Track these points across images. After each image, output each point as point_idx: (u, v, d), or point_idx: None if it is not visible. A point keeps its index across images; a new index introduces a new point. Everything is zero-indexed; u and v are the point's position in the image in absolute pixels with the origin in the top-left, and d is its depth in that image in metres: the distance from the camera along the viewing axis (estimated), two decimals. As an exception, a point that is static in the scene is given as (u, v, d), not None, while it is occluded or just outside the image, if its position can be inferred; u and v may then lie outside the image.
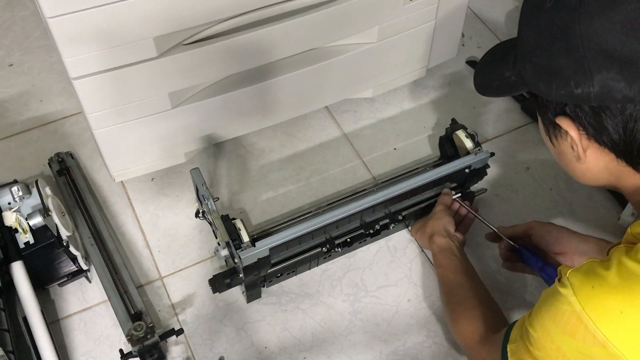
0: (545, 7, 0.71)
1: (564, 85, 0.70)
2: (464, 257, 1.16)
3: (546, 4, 0.71)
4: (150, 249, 1.30)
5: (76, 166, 1.39)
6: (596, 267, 0.71)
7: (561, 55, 0.70)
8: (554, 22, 0.70)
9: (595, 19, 0.66)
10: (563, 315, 0.71)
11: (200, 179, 1.17)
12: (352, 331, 1.19)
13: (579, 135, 0.73)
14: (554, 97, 0.73)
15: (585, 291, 0.70)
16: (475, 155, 1.22)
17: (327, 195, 1.37)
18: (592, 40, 0.67)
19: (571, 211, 1.34)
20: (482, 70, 0.88)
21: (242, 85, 1.24)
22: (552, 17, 0.70)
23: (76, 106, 1.50)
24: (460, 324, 1.07)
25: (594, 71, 0.67)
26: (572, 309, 0.70)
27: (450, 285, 1.13)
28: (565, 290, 0.71)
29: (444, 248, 1.17)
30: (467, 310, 1.07)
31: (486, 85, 0.85)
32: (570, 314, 0.70)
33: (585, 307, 0.69)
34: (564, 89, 0.70)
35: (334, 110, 1.51)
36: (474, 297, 1.09)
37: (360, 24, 1.26)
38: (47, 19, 0.97)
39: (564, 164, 0.81)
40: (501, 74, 0.81)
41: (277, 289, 1.24)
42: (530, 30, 0.74)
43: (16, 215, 1.16)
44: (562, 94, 0.71)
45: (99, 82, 1.09)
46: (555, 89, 0.72)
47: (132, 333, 1.08)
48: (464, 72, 1.58)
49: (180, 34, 1.09)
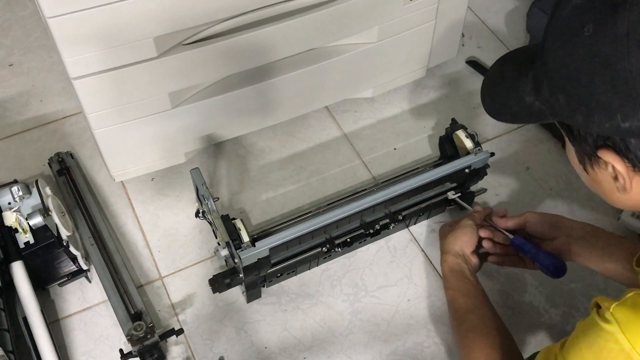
0: (583, 35, 0.64)
1: (609, 118, 0.65)
2: (475, 281, 1.11)
3: (583, 32, 0.64)
4: (150, 249, 1.30)
5: (76, 166, 1.39)
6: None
7: (606, 89, 0.63)
8: (596, 53, 0.63)
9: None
10: (609, 354, 0.68)
11: (200, 178, 1.17)
12: (352, 331, 1.19)
13: (625, 168, 0.68)
14: (595, 130, 0.67)
15: (634, 329, 0.67)
16: (475, 155, 1.22)
17: (327, 195, 1.37)
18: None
19: (571, 211, 1.34)
20: (491, 91, 0.81)
21: (242, 85, 1.24)
22: (593, 47, 0.63)
23: (76, 106, 1.50)
24: (472, 352, 1.02)
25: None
26: (620, 347, 0.67)
27: (460, 310, 1.08)
28: (611, 326, 0.68)
29: (454, 269, 1.12)
30: (480, 338, 1.02)
31: (502, 111, 0.80)
32: (618, 353, 0.67)
33: (636, 345, 0.66)
34: (609, 122, 0.65)
35: (334, 110, 1.51)
36: (486, 324, 1.04)
37: (360, 24, 1.26)
38: (47, 19, 0.97)
39: (600, 191, 0.76)
40: (519, 98, 0.75)
41: (277, 289, 1.24)
42: (564, 58, 0.67)
43: (16, 215, 1.16)
44: (606, 127, 0.66)
45: (99, 82, 1.09)
46: (597, 122, 0.66)
47: (132, 333, 1.08)
48: (464, 72, 1.58)
49: (180, 34, 1.09)
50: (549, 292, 1.23)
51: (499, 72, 0.81)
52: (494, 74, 0.82)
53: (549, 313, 1.21)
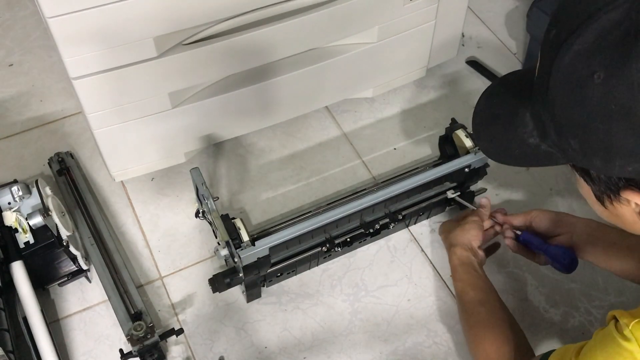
0: (593, 82, 0.60)
1: (631, 162, 0.62)
2: (484, 274, 1.12)
3: (593, 79, 0.60)
4: (150, 249, 1.30)
5: (76, 166, 1.39)
6: None
7: (627, 134, 0.60)
8: (612, 100, 0.60)
9: None
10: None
11: (200, 178, 1.17)
12: (352, 331, 1.19)
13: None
14: (616, 174, 0.65)
15: None
16: (475, 154, 1.22)
17: (327, 195, 1.37)
18: None
19: (571, 211, 1.34)
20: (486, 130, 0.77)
21: (242, 85, 1.24)
22: (608, 95, 0.60)
23: (76, 106, 1.50)
24: (482, 344, 1.02)
25: None
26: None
27: (470, 303, 1.08)
28: (630, 345, 0.67)
29: (464, 262, 1.12)
30: (490, 330, 1.02)
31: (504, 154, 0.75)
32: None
33: None
34: (632, 166, 0.62)
35: (334, 110, 1.51)
36: (496, 316, 1.04)
37: (360, 24, 1.26)
38: (47, 19, 0.97)
39: (620, 223, 0.73)
40: (521, 140, 0.71)
41: (277, 289, 1.24)
42: (574, 106, 0.63)
43: (16, 215, 1.16)
44: (628, 171, 0.63)
45: (99, 82, 1.09)
46: (618, 166, 0.63)
47: (132, 333, 1.08)
48: (464, 72, 1.58)
49: (180, 34, 1.09)
50: (548, 292, 1.23)
51: (489, 112, 0.77)
52: (485, 114, 0.77)
53: (549, 313, 1.21)
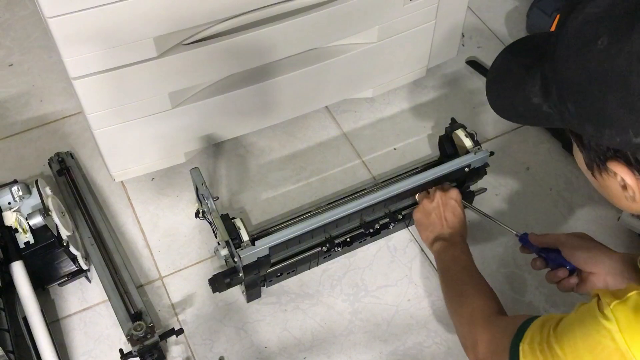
0: (596, 47, 0.62)
1: (620, 133, 0.63)
2: (465, 252, 1.14)
3: (597, 44, 0.62)
4: (150, 249, 1.30)
5: (76, 166, 1.39)
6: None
7: (619, 104, 0.62)
8: (610, 68, 0.62)
9: None
10: (603, 351, 0.67)
11: (200, 178, 1.17)
12: (352, 331, 1.19)
13: (635, 181, 0.67)
14: (605, 142, 0.66)
15: (632, 332, 0.66)
16: (475, 154, 1.22)
17: (327, 195, 1.37)
18: None
19: (571, 211, 1.34)
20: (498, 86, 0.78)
21: (242, 85, 1.24)
22: (606, 62, 0.62)
23: (76, 106, 1.50)
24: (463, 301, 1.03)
25: None
26: (615, 346, 0.66)
27: (454, 270, 1.11)
28: (609, 324, 0.67)
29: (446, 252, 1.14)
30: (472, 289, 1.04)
31: (507, 108, 0.77)
32: (613, 352, 0.67)
33: (632, 347, 0.65)
34: (620, 137, 0.64)
35: (334, 110, 1.51)
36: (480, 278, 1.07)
37: (360, 24, 1.26)
38: (47, 19, 0.97)
39: (607, 196, 0.75)
40: (526, 98, 0.72)
41: (277, 289, 1.24)
42: (574, 67, 0.65)
43: (16, 215, 1.16)
44: (616, 141, 0.64)
45: (99, 82, 1.09)
46: (607, 135, 0.65)
47: (132, 333, 1.08)
48: (464, 72, 1.58)
49: (180, 34, 1.09)
50: (548, 292, 1.23)
51: (505, 66, 0.78)
52: (500, 67, 0.79)
53: (549, 313, 1.21)
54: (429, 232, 1.19)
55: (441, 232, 1.17)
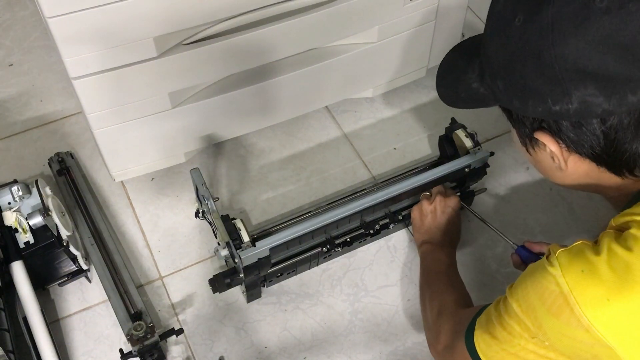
0: (514, 24, 0.69)
1: (540, 102, 0.70)
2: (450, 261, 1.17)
3: (514, 22, 0.69)
4: (150, 249, 1.30)
5: (76, 166, 1.39)
6: (586, 250, 0.70)
7: (536, 75, 0.69)
8: (525, 42, 0.69)
9: (569, 40, 0.65)
10: (550, 295, 0.70)
11: (200, 179, 1.17)
12: (352, 331, 1.19)
13: (559, 149, 0.73)
14: (530, 113, 0.73)
15: (574, 274, 0.69)
16: (475, 154, 1.22)
17: (327, 195, 1.37)
18: (567, 61, 0.66)
19: (571, 211, 1.34)
20: (445, 78, 0.86)
21: (242, 85, 1.24)
22: (523, 37, 0.69)
23: (76, 106, 1.50)
24: (434, 297, 1.07)
25: (571, 89, 0.67)
26: (559, 290, 0.69)
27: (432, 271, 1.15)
28: (554, 269, 0.71)
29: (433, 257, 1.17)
30: (444, 286, 1.08)
31: (453, 97, 0.84)
32: (558, 295, 0.70)
33: (573, 290, 0.68)
34: (541, 106, 0.70)
35: (334, 110, 1.51)
36: (454, 279, 1.12)
37: (360, 24, 1.26)
38: (47, 19, 0.97)
39: (541, 170, 0.82)
40: (467, 84, 0.80)
41: (277, 289, 1.24)
42: (499, 47, 0.73)
43: (16, 215, 1.16)
44: (539, 111, 0.71)
45: (99, 82, 1.09)
46: (531, 106, 0.71)
47: (132, 333, 1.08)
48: (464, 72, 1.58)
49: (180, 34, 1.09)
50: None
51: (452, 61, 0.86)
52: (448, 62, 0.86)
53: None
54: (420, 233, 1.22)
55: (432, 237, 1.19)
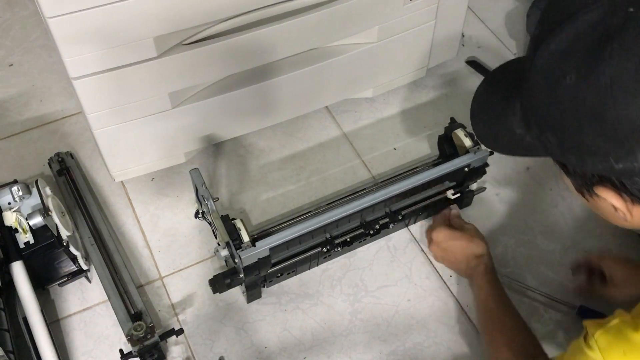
0: (565, 83, 0.63)
1: (601, 161, 0.64)
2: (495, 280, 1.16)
3: (566, 80, 0.63)
4: (150, 249, 1.30)
5: (76, 166, 1.39)
6: (625, 329, 0.68)
7: (596, 135, 0.62)
8: (581, 102, 0.62)
9: (632, 100, 0.59)
10: None
11: (199, 179, 1.17)
12: (352, 331, 1.19)
13: (624, 203, 0.68)
14: (589, 170, 0.67)
15: (615, 358, 0.68)
16: (475, 153, 1.22)
17: (327, 195, 1.37)
18: (633, 122, 0.60)
19: (571, 211, 1.34)
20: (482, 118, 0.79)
21: (242, 85, 1.24)
22: (578, 97, 0.62)
23: (76, 106, 1.50)
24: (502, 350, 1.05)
25: (637, 148, 0.61)
26: None
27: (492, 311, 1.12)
28: (593, 353, 0.69)
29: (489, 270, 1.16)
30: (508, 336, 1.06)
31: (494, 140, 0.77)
32: None
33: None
34: (602, 165, 0.64)
35: (334, 110, 1.51)
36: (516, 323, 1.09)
37: (360, 24, 1.26)
38: (47, 19, 0.97)
39: (601, 215, 0.75)
40: (510, 128, 0.72)
41: (277, 289, 1.24)
42: (549, 105, 0.66)
43: (16, 215, 1.16)
44: (599, 169, 0.65)
45: (99, 82, 1.09)
46: (590, 164, 0.65)
47: (132, 333, 1.08)
48: (464, 72, 1.58)
49: (180, 34, 1.09)
50: (548, 292, 1.23)
51: (486, 98, 0.79)
52: (482, 99, 0.80)
53: (549, 313, 1.21)
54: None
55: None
